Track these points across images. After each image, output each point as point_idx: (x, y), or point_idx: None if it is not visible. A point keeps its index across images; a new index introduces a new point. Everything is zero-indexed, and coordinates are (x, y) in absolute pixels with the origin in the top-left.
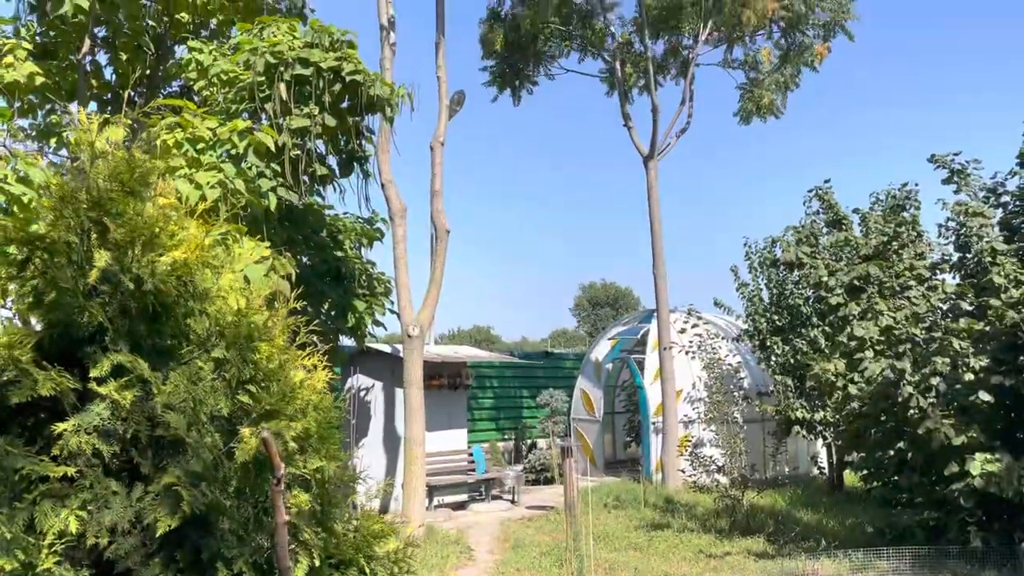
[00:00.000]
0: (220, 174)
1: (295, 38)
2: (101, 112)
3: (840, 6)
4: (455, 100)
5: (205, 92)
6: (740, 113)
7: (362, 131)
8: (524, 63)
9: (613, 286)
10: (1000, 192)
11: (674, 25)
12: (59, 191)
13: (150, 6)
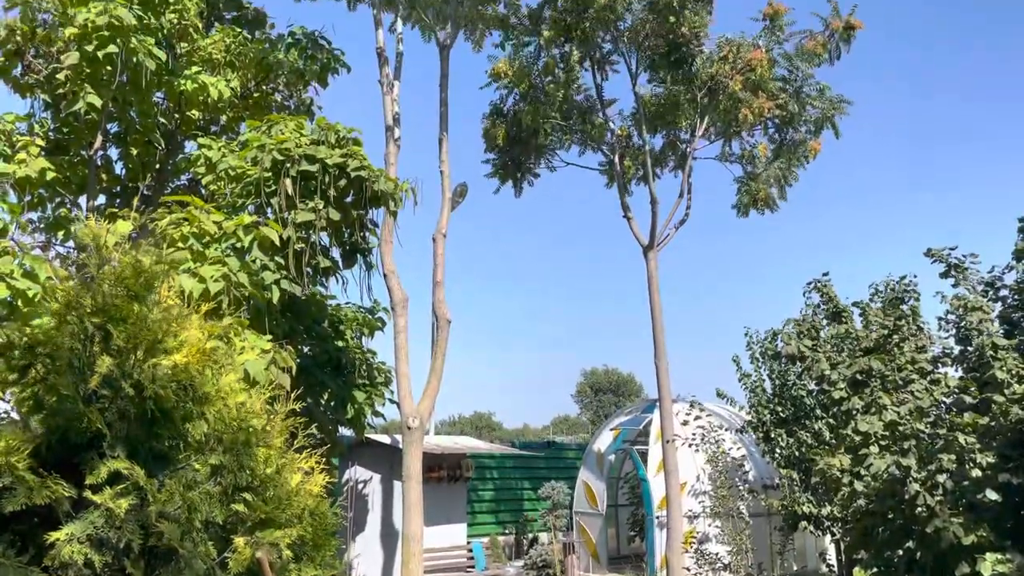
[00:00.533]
0: (224, 268)
1: (302, 135)
2: (110, 205)
3: (831, 103)
4: (457, 192)
5: (213, 186)
6: (738, 206)
7: (366, 224)
8: (525, 156)
9: (615, 372)
10: (998, 286)
11: (671, 120)
12: (64, 297)
13: (162, 103)
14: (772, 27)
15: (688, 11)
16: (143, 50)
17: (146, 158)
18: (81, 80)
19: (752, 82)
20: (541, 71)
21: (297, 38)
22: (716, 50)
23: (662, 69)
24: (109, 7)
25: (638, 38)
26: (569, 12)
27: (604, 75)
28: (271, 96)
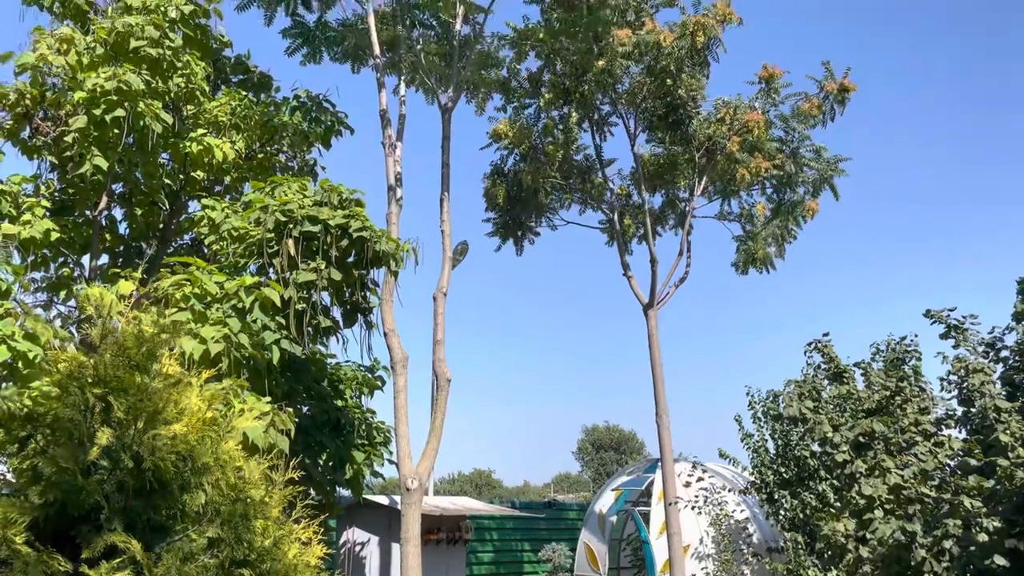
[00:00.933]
0: (225, 329)
1: (305, 196)
2: (112, 265)
3: (829, 164)
4: (458, 250)
5: (215, 247)
6: (737, 264)
7: (367, 283)
8: (526, 215)
9: (617, 429)
10: (999, 347)
11: (670, 180)
12: (66, 367)
13: (168, 164)
14: (768, 90)
15: (685, 74)
16: (150, 113)
17: (150, 218)
18: (88, 143)
19: (749, 143)
20: (541, 132)
21: (302, 101)
22: (713, 112)
23: (660, 130)
24: (118, 72)
25: (636, 100)
26: (568, 76)
27: (603, 136)
28: (275, 157)
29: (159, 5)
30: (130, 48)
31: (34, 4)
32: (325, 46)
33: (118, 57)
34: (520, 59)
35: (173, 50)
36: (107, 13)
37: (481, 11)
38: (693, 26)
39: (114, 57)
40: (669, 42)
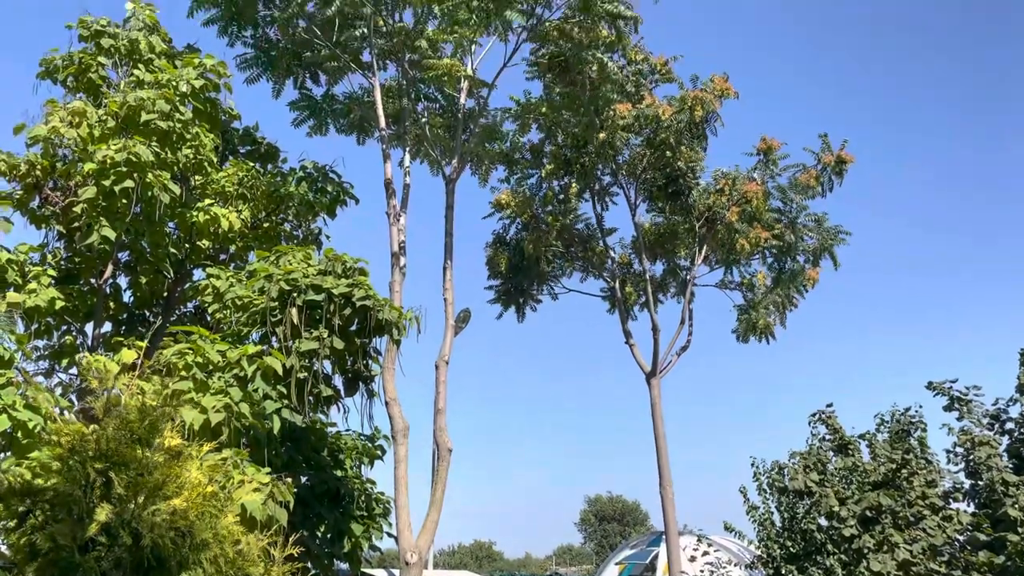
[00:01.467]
0: (226, 398)
1: (309, 265)
2: (115, 333)
3: (829, 234)
4: (460, 318)
5: (219, 315)
6: (738, 332)
7: (369, 352)
8: (528, 283)
9: (620, 500)
10: (1003, 419)
11: (671, 249)
12: (68, 441)
13: (174, 233)
14: (766, 161)
15: (684, 146)
16: (158, 184)
17: (155, 287)
18: (96, 213)
19: (748, 213)
20: (542, 201)
21: (308, 171)
22: (712, 182)
23: (660, 200)
24: (128, 144)
25: (636, 171)
26: (569, 147)
27: (604, 205)
28: (280, 226)
29: (171, 80)
30: (141, 121)
31: (48, 78)
32: (331, 118)
33: (129, 129)
34: (523, 131)
35: (183, 123)
36: (120, 87)
37: (485, 86)
38: (692, 101)
39: (125, 129)
40: (668, 116)
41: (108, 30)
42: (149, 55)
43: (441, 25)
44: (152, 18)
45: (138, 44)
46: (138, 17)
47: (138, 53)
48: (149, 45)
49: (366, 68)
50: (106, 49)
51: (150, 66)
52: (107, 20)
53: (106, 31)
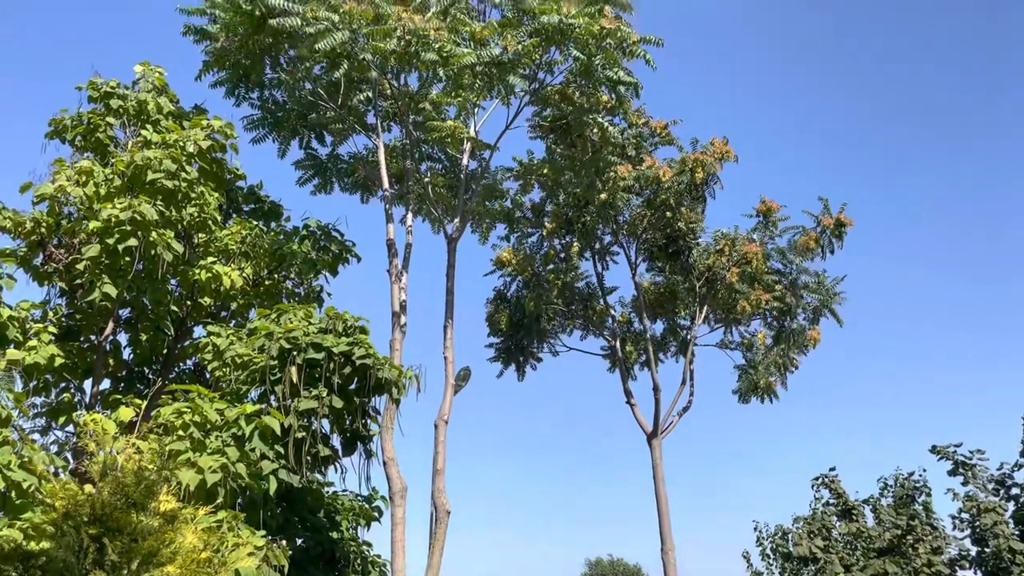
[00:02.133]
0: (223, 458)
1: (310, 323)
2: (114, 390)
3: (829, 293)
4: (461, 376)
5: (218, 373)
6: (739, 393)
7: (368, 411)
8: (528, 341)
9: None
10: (1009, 484)
11: (671, 308)
12: (63, 505)
13: (176, 291)
14: (766, 223)
15: (684, 207)
16: (162, 243)
17: (155, 344)
18: (99, 270)
19: (748, 274)
20: (543, 260)
21: (311, 230)
22: (712, 243)
23: (661, 260)
24: (134, 203)
25: (637, 231)
26: (570, 207)
27: (604, 264)
28: (282, 284)
29: (178, 140)
30: (147, 180)
31: (57, 137)
32: (336, 177)
33: (134, 188)
34: (525, 191)
35: (188, 182)
36: (127, 147)
37: (487, 147)
38: (692, 163)
39: (131, 188)
40: (668, 177)
41: (118, 91)
42: (157, 116)
43: (445, 88)
44: (161, 80)
45: (146, 105)
46: (147, 79)
47: (146, 114)
48: (157, 106)
49: (371, 129)
50: (115, 110)
51: (158, 126)
52: (116, 82)
53: (115, 92)
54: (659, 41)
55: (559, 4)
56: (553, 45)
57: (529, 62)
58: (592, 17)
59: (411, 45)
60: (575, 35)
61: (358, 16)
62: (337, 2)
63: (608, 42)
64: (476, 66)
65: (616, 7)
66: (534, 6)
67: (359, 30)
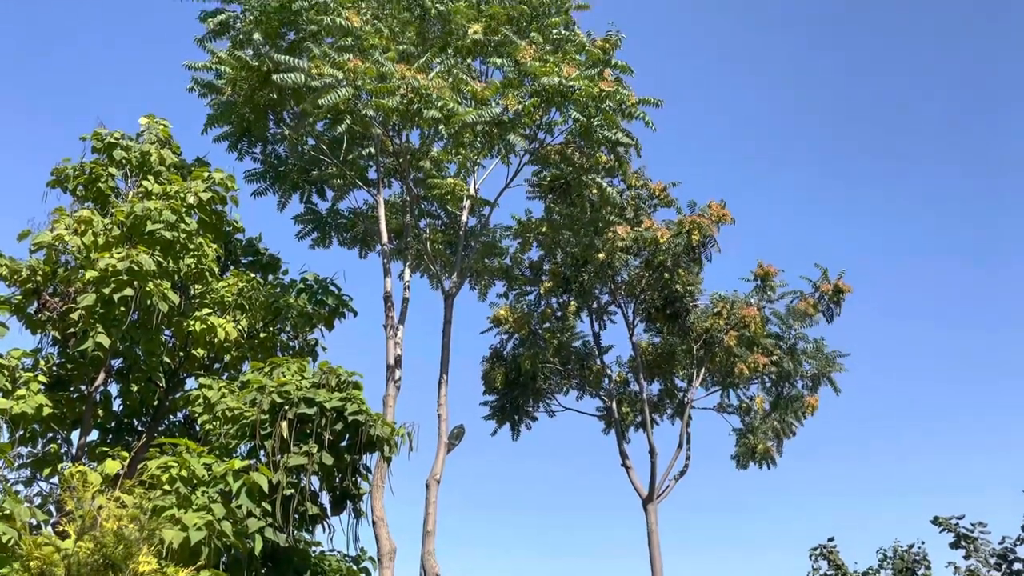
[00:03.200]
0: (209, 515)
1: (303, 377)
2: (102, 442)
3: (827, 360)
4: (454, 434)
5: (208, 426)
6: (737, 458)
7: (359, 469)
8: (524, 399)
9: None
10: (1011, 559)
11: (668, 369)
12: (38, 566)
13: (169, 341)
14: (763, 287)
15: (682, 269)
16: (158, 293)
17: (145, 395)
18: (93, 320)
19: (746, 338)
20: (540, 318)
21: (308, 283)
22: (710, 305)
23: (658, 321)
24: (131, 253)
25: (634, 291)
26: (568, 265)
27: (602, 324)
28: (277, 337)
29: (179, 192)
30: (146, 230)
31: (59, 187)
32: (335, 231)
33: (133, 238)
34: (524, 249)
35: (188, 233)
36: (128, 197)
37: (487, 204)
38: (689, 225)
39: (129, 238)
40: (666, 239)
41: (121, 142)
42: (159, 167)
43: (446, 146)
44: (165, 132)
45: (149, 156)
46: (152, 131)
47: (149, 165)
48: (160, 157)
49: (371, 185)
50: (117, 160)
51: (159, 178)
52: (121, 133)
53: (119, 143)
54: (658, 102)
55: (559, 66)
56: (553, 106)
57: (529, 122)
58: (592, 80)
59: (414, 103)
60: (575, 97)
61: (362, 74)
62: (341, 60)
63: (608, 104)
64: (477, 125)
65: (616, 70)
66: (535, 68)
67: (363, 87)
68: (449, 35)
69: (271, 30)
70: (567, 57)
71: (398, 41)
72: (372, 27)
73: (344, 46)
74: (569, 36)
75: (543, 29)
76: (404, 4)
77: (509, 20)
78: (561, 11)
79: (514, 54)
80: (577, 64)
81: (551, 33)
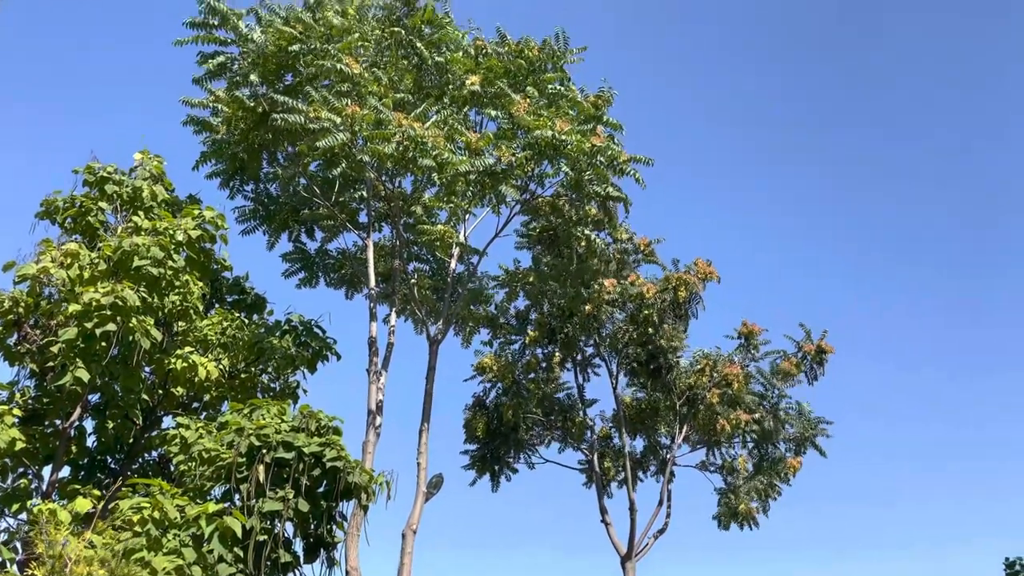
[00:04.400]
0: (179, 559)
1: (283, 420)
2: (74, 478)
3: (810, 424)
4: (432, 483)
5: (183, 467)
6: (719, 518)
7: (335, 516)
8: (505, 450)
9: None
10: None
11: (651, 425)
12: None
13: (149, 379)
14: (747, 345)
15: (667, 325)
16: (141, 330)
17: (121, 432)
18: (73, 354)
19: (729, 396)
20: (525, 368)
21: (293, 324)
22: (694, 362)
23: (642, 375)
24: (116, 288)
25: (619, 345)
26: (554, 316)
27: (586, 376)
28: (258, 378)
29: (168, 228)
30: (133, 266)
31: (48, 218)
32: (322, 272)
33: (119, 273)
34: (511, 299)
35: (175, 270)
36: (116, 231)
37: (475, 252)
38: (675, 282)
39: (115, 273)
40: (652, 294)
41: (114, 177)
42: (150, 203)
43: (438, 193)
44: (159, 168)
45: (141, 192)
46: (145, 167)
47: (140, 200)
48: (152, 193)
49: (362, 228)
50: (109, 195)
51: (149, 214)
52: (114, 167)
53: (111, 178)
54: (649, 160)
55: (553, 120)
56: (545, 159)
57: (521, 173)
58: (584, 135)
59: (409, 150)
60: (567, 151)
61: (360, 119)
62: (339, 105)
63: (599, 158)
64: (471, 174)
65: (608, 127)
66: (528, 122)
67: (360, 132)
68: (446, 84)
69: (268, 72)
70: (560, 112)
71: (396, 89)
72: (371, 74)
73: (342, 91)
74: (563, 91)
75: (538, 83)
76: (402, 53)
77: (506, 73)
78: (557, 67)
79: (509, 107)
80: (570, 119)
81: (546, 87)
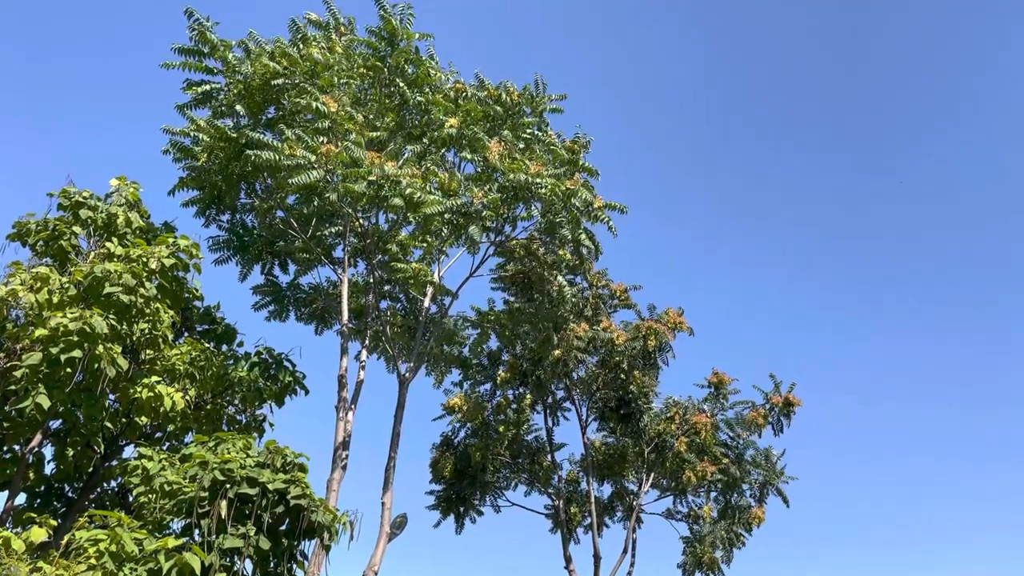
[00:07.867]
0: None
1: (248, 456)
2: (29, 506)
3: (774, 471)
4: (396, 524)
5: (143, 499)
6: (683, 566)
7: (296, 555)
8: (471, 491)
9: None
10: None
11: (619, 471)
12: None
13: (112, 406)
14: (717, 394)
15: (637, 371)
16: (107, 357)
17: (81, 460)
18: (37, 379)
19: (697, 444)
20: (495, 409)
21: (263, 357)
22: (664, 409)
23: (612, 420)
24: (85, 315)
25: (590, 389)
26: (526, 359)
27: (556, 420)
28: (224, 409)
29: (141, 256)
30: (103, 292)
31: (18, 240)
32: (293, 306)
33: (89, 299)
34: (482, 340)
35: (146, 299)
36: (88, 256)
37: (449, 294)
38: (646, 330)
39: (85, 299)
40: (622, 342)
41: (89, 202)
42: (125, 229)
43: (414, 232)
44: (135, 196)
45: (116, 218)
46: (121, 193)
47: (114, 227)
48: (127, 220)
49: (336, 263)
50: (83, 220)
51: (123, 240)
52: (89, 192)
53: (87, 203)
54: (623, 208)
55: (527, 164)
56: (520, 201)
57: (493, 214)
58: (558, 179)
59: (382, 189)
60: (541, 194)
61: (334, 158)
62: (315, 143)
63: (574, 202)
64: (445, 214)
65: (583, 172)
66: (503, 166)
67: (334, 170)
68: (426, 125)
69: (253, 104)
70: (535, 156)
71: (374, 127)
72: (346, 113)
73: (320, 128)
74: (540, 136)
75: (516, 127)
76: (385, 92)
77: (485, 116)
78: (535, 113)
79: (483, 152)
80: (545, 163)
81: (523, 132)
